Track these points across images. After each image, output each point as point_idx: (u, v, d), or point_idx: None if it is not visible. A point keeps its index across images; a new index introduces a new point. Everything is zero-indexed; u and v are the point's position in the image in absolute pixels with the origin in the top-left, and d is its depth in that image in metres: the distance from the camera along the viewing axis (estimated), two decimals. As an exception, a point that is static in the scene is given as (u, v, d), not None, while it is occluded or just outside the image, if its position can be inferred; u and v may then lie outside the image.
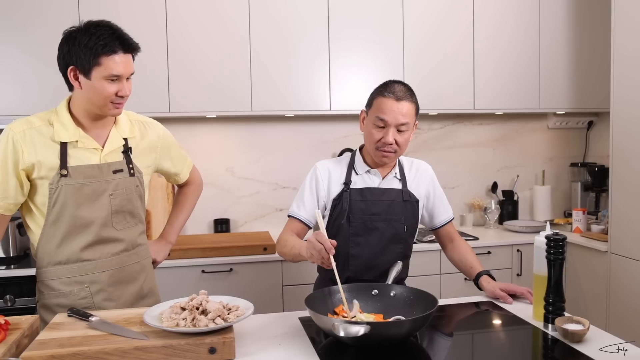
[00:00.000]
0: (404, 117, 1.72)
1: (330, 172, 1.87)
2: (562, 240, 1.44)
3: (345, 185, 1.83)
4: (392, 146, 1.75)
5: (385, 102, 1.73)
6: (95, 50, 1.54)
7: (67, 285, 1.69)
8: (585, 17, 3.31)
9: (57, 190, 1.62)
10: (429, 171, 1.96)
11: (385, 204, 1.82)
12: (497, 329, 1.59)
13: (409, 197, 1.86)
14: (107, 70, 1.56)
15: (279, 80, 2.94)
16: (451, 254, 1.98)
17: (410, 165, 1.94)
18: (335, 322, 1.28)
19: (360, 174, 1.86)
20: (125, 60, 1.60)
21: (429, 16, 3.10)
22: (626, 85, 2.68)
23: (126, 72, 1.61)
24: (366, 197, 1.82)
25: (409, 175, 1.91)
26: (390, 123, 1.72)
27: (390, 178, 1.87)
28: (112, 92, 1.59)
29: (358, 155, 1.89)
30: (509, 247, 3.05)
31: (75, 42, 1.56)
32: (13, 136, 1.61)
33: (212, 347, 1.28)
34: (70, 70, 1.58)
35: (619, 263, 2.73)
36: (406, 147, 1.81)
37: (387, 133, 1.73)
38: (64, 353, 1.22)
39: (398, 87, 1.75)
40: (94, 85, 1.57)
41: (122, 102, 1.64)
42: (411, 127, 1.78)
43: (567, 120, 3.62)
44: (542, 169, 3.60)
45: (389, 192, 1.84)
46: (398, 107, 1.72)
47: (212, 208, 3.24)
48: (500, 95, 3.23)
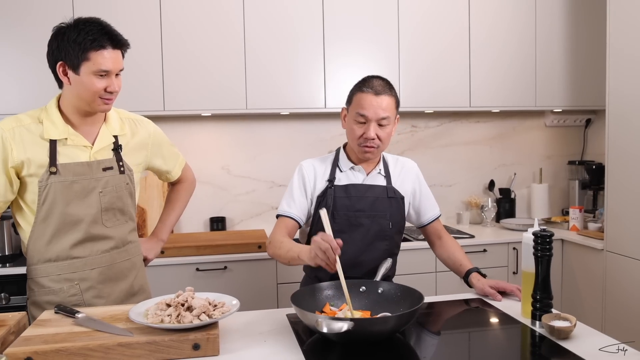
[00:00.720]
0: (384, 111, 1.72)
1: (315, 170, 1.87)
2: (549, 237, 1.43)
3: (330, 182, 1.83)
4: (374, 141, 1.74)
5: (365, 97, 1.73)
6: (83, 46, 1.54)
7: (57, 282, 1.69)
8: (581, 14, 3.30)
9: (46, 188, 1.63)
10: (414, 169, 1.96)
11: (370, 200, 1.82)
12: (485, 326, 1.58)
13: (393, 194, 1.85)
14: (95, 65, 1.56)
15: (273, 78, 2.94)
16: (439, 252, 1.98)
17: (396, 163, 1.94)
18: (318, 318, 1.27)
19: (345, 170, 1.85)
20: (114, 56, 1.60)
21: (424, 14, 3.10)
22: (622, 83, 2.67)
23: (115, 68, 1.61)
24: (350, 193, 1.81)
25: (394, 172, 1.90)
26: (370, 118, 1.72)
27: (375, 174, 1.86)
28: (101, 87, 1.59)
29: (342, 153, 1.89)
30: (505, 245, 3.04)
31: (64, 37, 1.56)
32: (2, 134, 1.61)
33: (196, 344, 1.28)
34: (59, 66, 1.59)
35: (614, 261, 2.72)
36: (388, 142, 1.81)
37: (368, 128, 1.73)
38: (47, 349, 1.22)
39: (376, 82, 1.75)
40: (83, 80, 1.58)
41: (111, 98, 1.64)
42: (392, 121, 1.77)
43: (564, 118, 3.61)
44: (540, 167, 3.59)
45: (374, 188, 1.83)
46: (377, 101, 1.72)
47: (208, 206, 3.24)
48: (497, 93, 3.22)
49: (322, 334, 1.32)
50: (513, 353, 1.41)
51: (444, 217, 3.50)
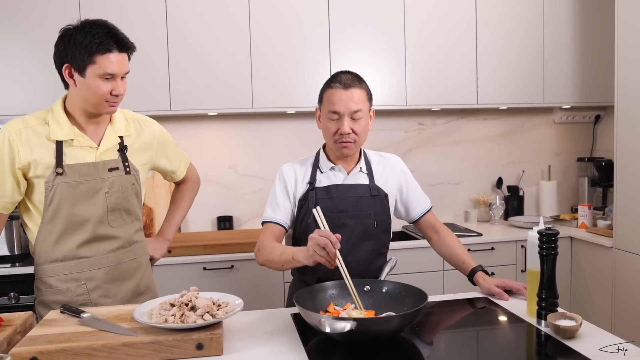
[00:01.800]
0: (355, 104, 1.70)
1: (296, 173, 1.84)
2: (555, 236, 1.42)
3: (310, 184, 1.80)
4: (350, 136, 1.72)
5: (334, 92, 1.72)
6: (90, 49, 1.55)
7: (64, 282, 1.70)
8: (589, 10, 3.26)
9: (52, 189, 1.64)
10: (398, 164, 1.92)
11: (353, 199, 1.79)
12: (490, 325, 1.57)
13: (377, 192, 1.81)
14: (101, 68, 1.57)
15: (280, 76, 2.94)
16: (439, 248, 1.93)
17: (379, 160, 1.90)
18: (321, 318, 1.27)
19: (325, 171, 1.83)
20: (120, 59, 1.61)
21: (431, 11, 3.08)
22: (631, 80, 2.64)
23: (121, 71, 1.62)
24: (332, 194, 1.78)
25: (377, 169, 1.87)
26: (343, 112, 1.70)
27: (356, 173, 1.83)
28: (107, 90, 1.60)
29: (322, 154, 1.86)
30: (513, 243, 3.02)
31: (70, 40, 1.57)
32: (9, 135, 1.62)
33: (200, 343, 1.29)
34: (65, 68, 1.60)
35: (624, 259, 2.69)
36: (365, 136, 1.77)
37: (342, 123, 1.71)
38: (52, 349, 1.23)
39: (344, 76, 1.74)
40: (89, 83, 1.59)
41: (117, 101, 1.65)
42: (366, 114, 1.74)
43: (573, 115, 3.57)
44: (548, 164, 3.56)
45: (356, 187, 1.80)
46: (347, 95, 1.70)
47: (215, 205, 3.25)
48: (504, 90, 3.19)
49: (325, 334, 1.33)
50: (519, 352, 1.40)
51: (452, 216, 3.49)
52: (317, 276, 1.77)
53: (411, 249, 2.89)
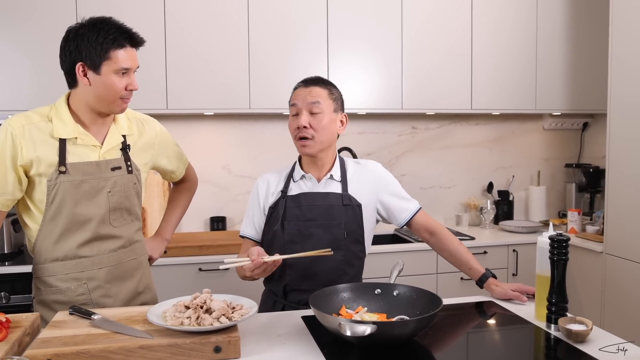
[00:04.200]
0: (312, 97, 1.70)
1: (269, 183, 1.84)
2: (566, 241, 1.44)
3: (282, 192, 1.79)
4: (307, 130, 1.70)
5: (296, 91, 1.76)
6: (105, 45, 1.56)
7: (65, 281, 1.67)
8: (582, 20, 3.33)
9: (55, 187, 1.61)
10: (376, 171, 1.86)
11: (323, 208, 1.75)
12: (500, 328, 1.60)
13: (349, 201, 1.76)
14: (117, 64, 1.57)
15: (277, 78, 2.94)
16: (439, 250, 1.88)
17: (355, 167, 1.85)
18: (341, 321, 1.27)
19: (297, 180, 1.81)
20: (132, 54, 1.62)
21: (428, 16, 3.11)
22: (623, 88, 2.71)
23: (134, 66, 1.63)
24: (301, 202, 1.76)
25: (352, 177, 1.82)
26: (300, 106, 1.72)
27: (326, 181, 1.79)
28: (122, 86, 1.61)
29: (297, 163, 1.85)
30: (505, 247, 3.06)
31: (83, 38, 1.56)
32: (12, 131, 1.59)
33: (218, 346, 1.28)
34: (79, 67, 1.58)
35: (614, 264, 2.76)
36: (326, 135, 1.73)
37: (299, 118, 1.71)
38: (67, 351, 1.21)
39: (309, 78, 1.77)
40: (104, 80, 1.58)
41: (129, 98, 1.66)
42: (327, 111, 1.72)
43: (562, 122, 3.65)
44: (538, 170, 3.63)
45: (328, 196, 1.77)
46: (306, 90, 1.72)
47: (209, 206, 3.23)
48: (498, 96, 3.24)
49: (341, 337, 1.33)
50: (530, 356, 1.43)
51: (443, 219, 3.53)
52: (282, 284, 1.78)
53: (403, 252, 2.91)
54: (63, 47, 1.61)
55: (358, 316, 1.49)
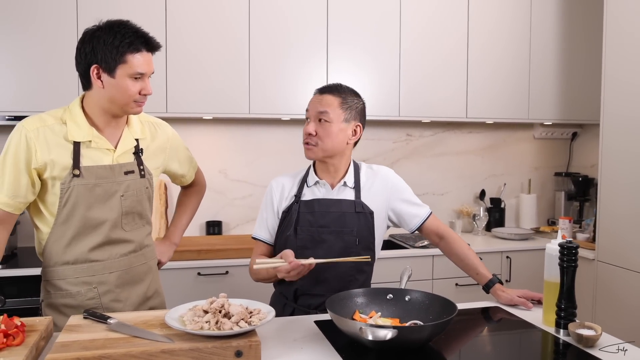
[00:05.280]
0: (322, 106, 1.73)
1: (283, 187, 1.86)
2: (575, 248, 1.48)
3: (296, 197, 1.81)
4: (311, 137, 1.73)
5: (312, 98, 1.80)
6: (121, 49, 1.55)
7: (75, 285, 1.66)
8: (574, 33, 3.42)
9: (68, 190, 1.60)
10: (388, 177, 1.88)
11: (336, 215, 1.77)
12: (510, 333, 1.63)
13: (362, 209, 1.79)
14: (132, 68, 1.56)
15: (276, 83, 2.95)
16: (448, 254, 1.92)
17: (369, 173, 1.87)
18: (362, 326, 1.29)
19: (311, 186, 1.83)
20: (148, 59, 1.61)
21: (425, 26, 3.16)
22: (616, 98, 2.78)
23: (149, 71, 1.62)
24: (314, 208, 1.78)
25: (365, 184, 1.84)
26: (310, 115, 1.75)
27: (340, 187, 1.81)
28: (136, 90, 1.59)
29: (312, 168, 1.87)
30: (499, 254, 3.11)
31: (99, 40, 1.55)
32: (26, 134, 1.57)
33: (239, 350, 1.28)
34: (94, 69, 1.57)
35: (606, 271, 2.82)
36: (332, 143, 1.74)
37: (309, 124, 1.76)
38: (89, 356, 1.20)
39: (326, 85, 1.80)
40: (118, 83, 1.57)
41: (144, 102, 1.64)
42: (336, 120, 1.73)
43: (552, 131, 3.72)
44: (528, 178, 3.70)
45: (341, 203, 1.79)
46: (318, 98, 1.76)
47: (205, 210, 3.21)
48: (492, 105, 3.30)
49: (358, 341, 1.35)
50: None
51: (437, 225, 3.56)
52: (294, 288, 1.80)
53: (398, 258, 2.93)
54: (79, 48, 1.60)
55: (372, 321, 1.51)
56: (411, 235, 3.29)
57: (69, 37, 2.67)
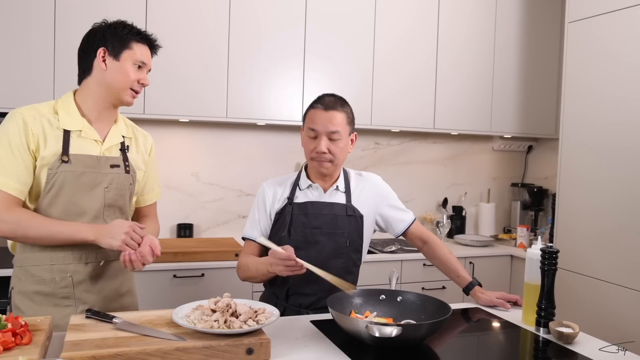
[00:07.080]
0: (333, 125, 1.78)
1: (275, 189, 1.91)
2: (556, 253, 1.61)
3: (289, 199, 1.87)
4: (325, 155, 1.79)
5: (315, 112, 1.81)
6: (129, 36, 1.68)
7: (49, 272, 1.66)
8: (534, 53, 3.64)
9: (55, 176, 1.62)
10: (377, 183, 1.98)
11: (328, 217, 1.85)
12: (493, 332, 1.73)
13: (352, 212, 1.87)
14: (135, 55, 1.69)
15: (254, 88, 2.99)
16: (430, 258, 2.01)
17: (358, 179, 1.96)
18: (368, 323, 1.36)
19: (303, 189, 1.89)
20: (149, 54, 1.74)
21: (397, 42, 3.29)
22: (575, 112, 2.98)
23: (149, 64, 1.74)
24: (307, 210, 1.85)
25: (355, 189, 1.92)
26: (320, 132, 1.79)
27: (333, 191, 1.89)
28: (135, 78, 1.69)
29: (303, 172, 1.93)
30: (462, 260, 3.26)
31: (109, 27, 1.69)
32: (23, 118, 1.61)
33: (250, 348, 1.32)
34: (100, 51, 1.66)
35: (563, 277, 3.01)
36: (343, 156, 1.84)
37: (319, 142, 1.79)
38: (104, 354, 1.21)
39: (327, 98, 1.83)
40: (122, 66, 1.67)
41: (139, 92, 1.73)
42: (345, 136, 1.82)
43: (510, 144, 3.93)
44: (488, 188, 3.88)
45: (333, 206, 1.87)
46: (327, 116, 1.78)
47: (176, 212, 3.20)
48: (458, 118, 3.46)
49: (358, 338, 1.42)
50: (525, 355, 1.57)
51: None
52: (286, 287, 1.85)
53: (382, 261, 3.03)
54: (88, 34, 1.70)
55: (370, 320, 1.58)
56: (378, 241, 3.40)
57: (44, 36, 2.61)
